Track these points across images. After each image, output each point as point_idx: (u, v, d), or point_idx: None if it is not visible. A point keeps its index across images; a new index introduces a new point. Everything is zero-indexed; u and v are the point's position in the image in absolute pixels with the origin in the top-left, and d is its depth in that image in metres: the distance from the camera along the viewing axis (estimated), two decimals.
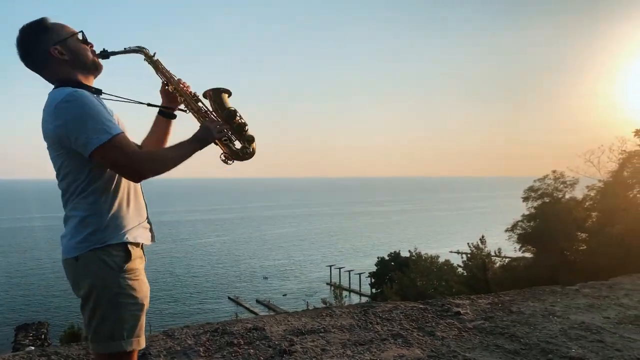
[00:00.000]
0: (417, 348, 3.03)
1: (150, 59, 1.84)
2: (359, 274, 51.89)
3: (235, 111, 1.84)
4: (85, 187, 1.59)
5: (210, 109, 1.85)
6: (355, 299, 48.46)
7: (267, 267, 61.02)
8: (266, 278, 56.19)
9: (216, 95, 1.85)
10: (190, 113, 1.86)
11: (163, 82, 1.89)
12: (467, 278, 27.53)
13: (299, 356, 2.86)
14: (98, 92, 1.71)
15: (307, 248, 75.07)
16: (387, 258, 43.56)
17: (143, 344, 1.65)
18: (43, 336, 35.39)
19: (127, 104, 1.82)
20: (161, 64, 1.86)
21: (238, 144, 1.87)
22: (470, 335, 3.29)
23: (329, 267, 56.47)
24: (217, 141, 1.81)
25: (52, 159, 1.65)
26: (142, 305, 1.64)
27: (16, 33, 1.64)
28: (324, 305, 27.05)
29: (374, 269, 44.52)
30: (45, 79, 1.70)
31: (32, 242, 76.41)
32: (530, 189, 23.00)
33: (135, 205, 1.70)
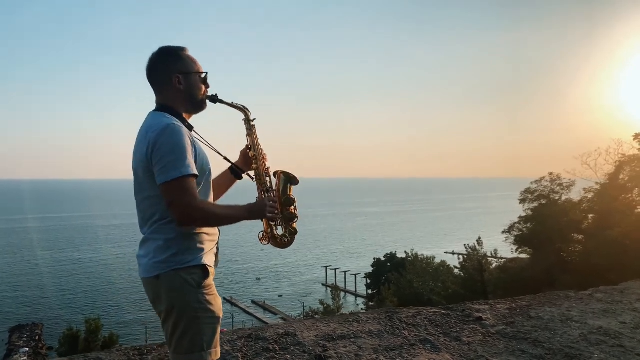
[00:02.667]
0: (447, 353, 3.14)
1: (249, 122, 1.99)
2: (355, 274, 52.04)
3: (293, 200, 1.97)
4: (167, 213, 1.68)
5: (274, 188, 1.97)
6: (351, 300, 48.62)
7: (260, 268, 61.02)
8: (259, 279, 56.17)
9: (285, 179, 1.98)
10: (255, 182, 1.97)
11: (247, 145, 2.02)
12: (463, 279, 27.73)
13: None
14: (190, 128, 1.82)
15: (301, 249, 74.99)
16: (383, 259, 43.75)
17: (219, 354, 1.75)
18: (37, 337, 35.18)
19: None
20: (255, 130, 2.00)
21: (280, 230, 1.99)
22: (495, 341, 3.41)
23: (324, 268, 56.59)
24: (264, 220, 1.92)
25: (137, 180, 1.74)
26: (218, 317, 1.75)
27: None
28: (326, 307, 27.12)
29: (370, 270, 44.68)
30: (156, 96, 1.83)
31: (26, 243, 75.84)
32: (527, 190, 23.22)
33: (210, 229, 1.80)
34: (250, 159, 2.01)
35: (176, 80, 1.76)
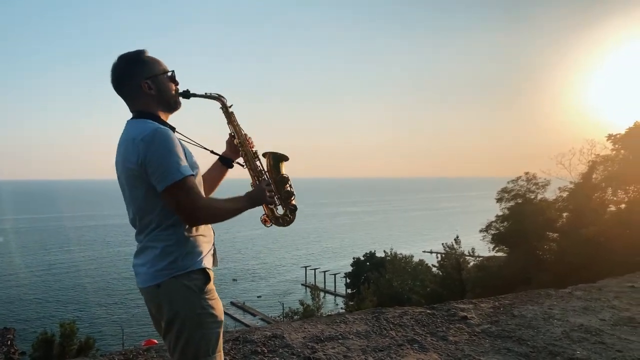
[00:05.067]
0: (434, 353, 3.17)
1: (226, 110, 1.95)
2: (334, 274, 52.14)
3: (287, 179, 1.97)
4: (163, 220, 1.67)
5: (266, 169, 1.95)
6: (330, 299, 48.69)
7: (237, 269, 60.58)
8: (235, 280, 55.76)
9: (274, 159, 1.96)
10: (247, 169, 1.96)
11: (230, 134, 2.00)
12: (442, 278, 28.04)
13: None
14: (173, 129, 1.79)
15: (279, 250, 74.84)
16: (362, 259, 43.94)
17: (223, 358, 1.75)
18: (9, 342, 34.28)
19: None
20: (234, 116, 1.96)
21: (280, 210, 1.98)
22: (481, 339, 3.45)
23: (303, 269, 56.54)
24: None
25: (127, 189, 1.70)
26: (221, 321, 1.74)
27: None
28: (305, 307, 27.10)
29: (350, 269, 44.83)
30: (128, 105, 1.79)
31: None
32: (504, 190, 23.57)
33: (206, 231, 1.79)
34: (236, 147, 1.99)
35: (145, 86, 1.73)
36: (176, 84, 1.82)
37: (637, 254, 14.28)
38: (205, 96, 1.89)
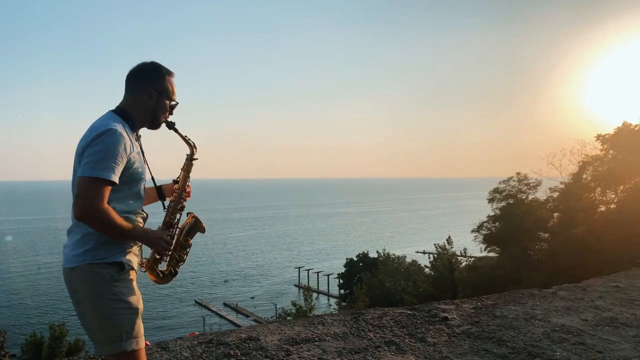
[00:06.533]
0: (411, 355, 3.10)
1: (190, 160, 2.06)
2: (328, 275, 52.08)
3: (189, 246, 2.06)
4: None
5: (179, 227, 2.03)
6: (323, 300, 48.62)
7: (229, 271, 60.36)
8: (226, 281, 55.57)
9: (193, 224, 2.07)
10: (165, 211, 2.04)
11: (174, 180, 2.10)
12: (434, 278, 28.07)
13: None
14: (137, 137, 1.94)
15: (270, 251, 74.66)
16: (355, 259, 43.93)
17: (142, 345, 1.79)
18: (0, 344, 34.02)
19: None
20: (191, 168, 2.08)
21: (162, 266, 2.03)
22: (460, 341, 3.39)
23: (296, 270, 56.45)
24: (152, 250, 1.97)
25: (73, 173, 1.79)
26: (137, 309, 1.79)
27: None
28: (297, 308, 26.99)
29: (343, 270, 44.80)
30: (123, 97, 1.92)
31: None
32: (495, 190, 23.62)
33: None
34: (172, 192, 2.08)
35: (148, 95, 1.88)
36: (170, 113, 1.97)
37: (624, 253, 14.33)
38: (184, 138, 2.02)
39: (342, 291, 43.83)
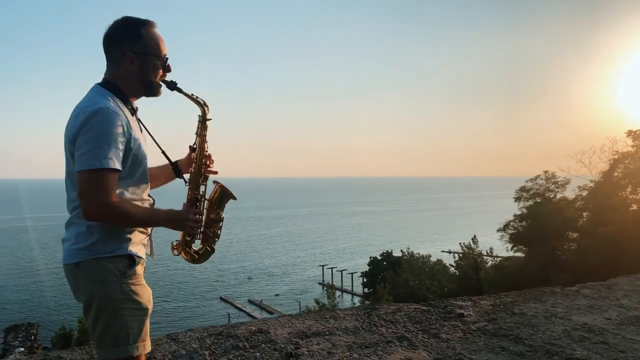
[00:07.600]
0: (423, 350, 3.03)
1: (203, 120, 1.82)
2: (352, 273, 51.91)
3: (222, 219, 1.84)
4: None
5: (207, 198, 1.82)
6: (347, 298, 48.51)
7: (253, 268, 60.75)
8: (250, 279, 55.94)
9: (222, 193, 1.86)
10: (187, 186, 1.81)
11: (191, 146, 1.86)
12: (459, 277, 27.70)
13: (306, 359, 2.85)
14: (134, 111, 1.70)
15: (295, 249, 74.87)
16: (379, 258, 43.65)
17: (149, 348, 1.64)
18: (33, 337, 35.06)
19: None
20: (206, 131, 1.83)
21: (196, 245, 1.85)
22: (475, 337, 3.29)
23: (320, 267, 56.44)
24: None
25: (65, 160, 1.62)
26: (147, 309, 1.63)
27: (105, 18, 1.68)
28: (321, 306, 27.03)
29: (366, 268, 44.57)
30: (107, 66, 1.69)
31: (22, 243, 75.41)
32: (522, 189, 23.18)
33: None
34: (191, 162, 1.85)
35: (128, 60, 1.63)
36: (166, 71, 1.72)
37: None
38: (191, 97, 1.77)
39: (365, 290, 43.64)
